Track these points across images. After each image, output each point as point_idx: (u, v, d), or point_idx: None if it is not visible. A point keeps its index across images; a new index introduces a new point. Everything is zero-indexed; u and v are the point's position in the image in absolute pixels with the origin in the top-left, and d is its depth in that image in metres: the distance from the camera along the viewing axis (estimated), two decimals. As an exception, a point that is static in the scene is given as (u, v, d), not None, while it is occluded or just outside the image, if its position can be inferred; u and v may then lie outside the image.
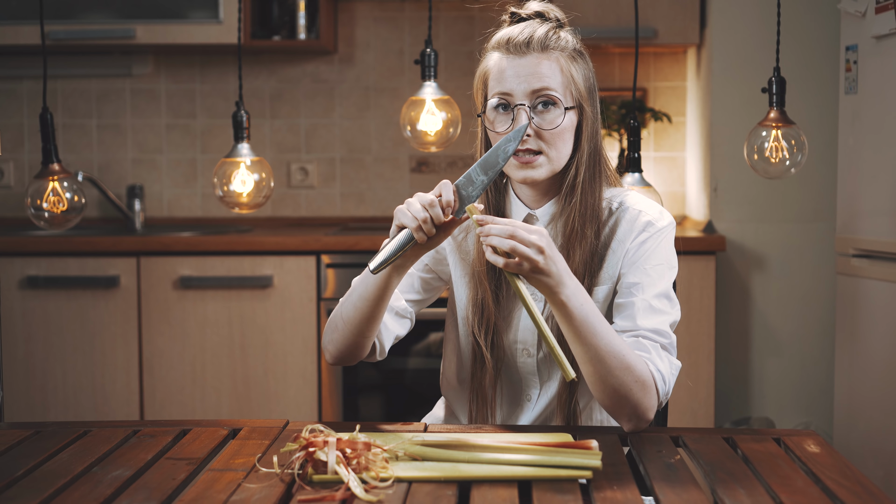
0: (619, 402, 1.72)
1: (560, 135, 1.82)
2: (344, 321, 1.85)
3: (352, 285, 1.86)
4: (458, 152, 4.04)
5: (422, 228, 1.68)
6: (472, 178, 1.72)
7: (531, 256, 1.62)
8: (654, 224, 1.86)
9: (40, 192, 2.41)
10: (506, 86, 1.82)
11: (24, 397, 3.53)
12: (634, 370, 1.71)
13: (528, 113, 1.81)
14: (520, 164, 1.82)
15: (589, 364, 1.71)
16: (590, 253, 1.85)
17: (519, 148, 1.81)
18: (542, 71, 1.81)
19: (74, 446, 1.68)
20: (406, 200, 1.71)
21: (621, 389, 1.71)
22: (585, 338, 1.69)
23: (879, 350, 2.96)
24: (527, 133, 1.80)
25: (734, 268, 3.64)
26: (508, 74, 1.82)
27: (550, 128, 1.81)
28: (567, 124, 1.83)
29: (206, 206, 4.11)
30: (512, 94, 1.82)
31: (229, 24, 3.66)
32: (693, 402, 3.48)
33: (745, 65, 3.58)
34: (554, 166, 1.84)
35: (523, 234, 1.62)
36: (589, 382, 1.74)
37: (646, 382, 1.72)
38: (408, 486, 1.45)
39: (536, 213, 1.90)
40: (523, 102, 1.81)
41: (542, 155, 1.82)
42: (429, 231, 1.68)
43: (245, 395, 3.53)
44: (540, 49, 1.82)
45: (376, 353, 1.93)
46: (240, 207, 2.58)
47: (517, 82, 1.81)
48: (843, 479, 1.49)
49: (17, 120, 4.09)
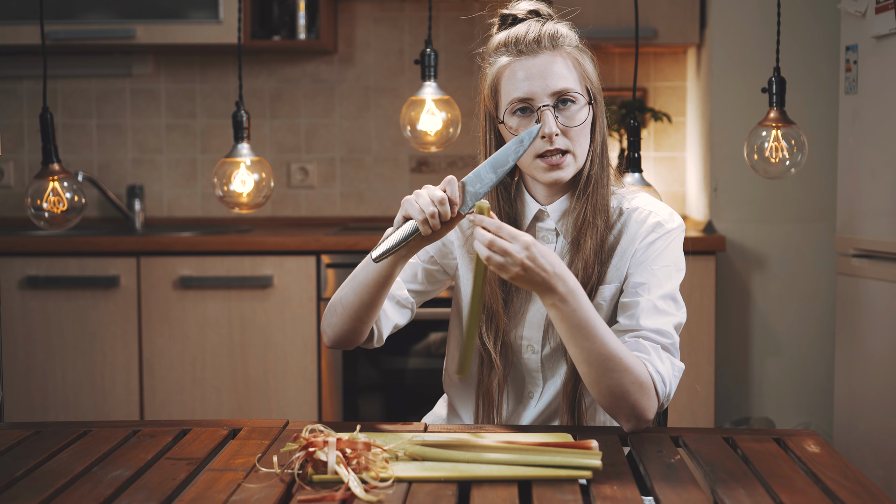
0: (616, 403, 1.72)
1: (583, 131, 1.82)
2: (343, 306, 1.85)
3: (353, 271, 1.86)
4: (458, 152, 4.05)
5: (428, 222, 1.68)
6: (480, 175, 1.72)
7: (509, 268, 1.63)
8: (663, 225, 1.86)
9: (40, 192, 2.41)
10: (524, 89, 1.80)
11: (24, 397, 3.53)
12: (631, 372, 1.70)
13: (553, 113, 1.80)
14: (549, 166, 1.81)
15: (584, 365, 1.71)
16: (600, 246, 1.85)
17: (547, 149, 1.80)
18: (558, 70, 1.80)
19: (74, 446, 1.68)
20: (415, 191, 1.71)
21: (618, 390, 1.71)
22: (579, 341, 1.69)
23: (879, 350, 2.96)
24: (556, 132, 1.79)
25: (734, 268, 3.64)
26: (524, 77, 1.80)
27: (576, 124, 1.81)
28: (589, 119, 1.84)
29: (206, 206, 4.11)
30: (533, 97, 1.80)
31: (229, 24, 3.66)
32: (693, 402, 3.48)
33: (745, 65, 3.58)
34: (578, 164, 1.84)
35: (503, 245, 1.62)
36: (586, 383, 1.74)
37: (644, 384, 1.71)
38: (408, 486, 1.45)
39: (548, 209, 1.89)
40: (547, 103, 1.80)
41: (569, 154, 1.82)
42: (434, 226, 1.68)
43: (245, 395, 3.53)
44: (551, 46, 1.81)
45: (374, 339, 1.93)
46: (240, 207, 2.57)
47: (536, 84, 1.80)
48: (843, 479, 1.49)
49: (17, 120, 4.09)
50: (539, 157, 1.81)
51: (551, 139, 1.79)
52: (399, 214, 1.72)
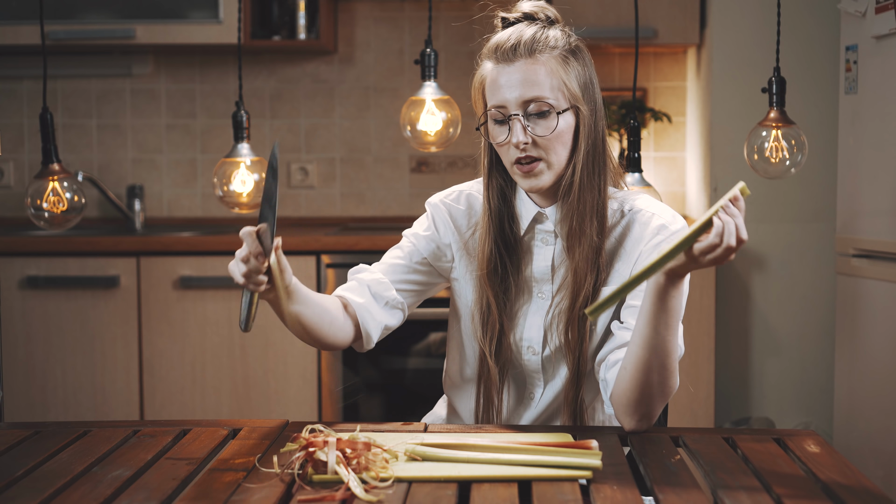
0: (643, 399, 1.73)
1: (558, 138, 1.82)
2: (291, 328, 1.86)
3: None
4: (458, 152, 4.05)
5: (251, 282, 1.67)
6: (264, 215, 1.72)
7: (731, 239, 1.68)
8: (667, 227, 1.86)
9: (40, 192, 2.41)
10: (499, 97, 1.82)
11: (24, 397, 3.53)
12: (673, 378, 1.74)
13: (523, 122, 1.80)
14: (523, 173, 1.83)
15: (648, 351, 1.70)
16: (592, 251, 1.84)
17: (519, 156, 1.81)
18: (532, 78, 1.80)
19: (74, 446, 1.68)
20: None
21: (655, 389, 1.72)
22: (659, 327, 1.69)
23: (879, 350, 2.96)
24: (524, 141, 1.81)
25: (734, 268, 3.64)
26: (500, 84, 1.82)
27: (545, 134, 1.81)
28: (563, 127, 1.82)
29: (206, 206, 4.11)
30: (506, 105, 1.82)
31: (229, 24, 3.66)
32: (693, 402, 3.48)
33: (745, 65, 3.58)
34: (556, 171, 1.84)
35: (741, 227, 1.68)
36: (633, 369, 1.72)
37: (672, 392, 1.75)
38: (408, 486, 1.45)
39: (546, 211, 1.90)
40: (517, 112, 1.81)
41: (541, 161, 1.82)
42: (258, 282, 1.68)
43: (245, 395, 3.53)
44: (527, 55, 1.81)
45: (363, 342, 1.93)
46: (240, 207, 2.58)
47: (509, 92, 1.81)
48: (843, 479, 1.49)
49: (17, 120, 4.09)
50: (515, 164, 1.83)
51: (519, 147, 1.81)
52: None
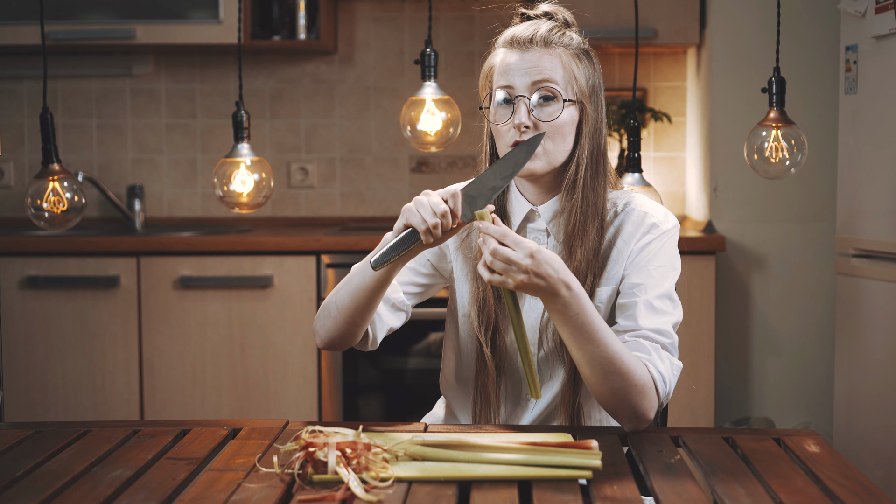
0: (618, 404, 1.73)
1: (559, 128, 1.83)
2: (338, 308, 1.85)
3: (349, 273, 1.86)
4: (458, 152, 4.05)
5: (430, 232, 1.69)
6: (482, 184, 1.73)
7: (514, 276, 1.63)
8: (658, 226, 1.87)
9: (40, 192, 2.41)
10: (508, 77, 1.84)
11: (24, 397, 3.53)
12: (634, 374, 1.71)
13: (528, 105, 1.82)
14: None
15: (587, 368, 1.72)
16: (593, 251, 1.85)
17: (517, 139, 1.82)
18: (544, 64, 1.83)
19: (74, 446, 1.68)
20: (415, 199, 1.71)
21: (620, 393, 1.71)
22: (582, 344, 1.69)
23: (879, 350, 2.96)
24: (525, 125, 1.82)
25: (734, 268, 3.64)
26: (511, 66, 1.84)
27: (549, 120, 1.82)
28: (566, 118, 1.84)
29: (206, 206, 4.11)
30: (513, 86, 1.83)
31: (229, 24, 3.66)
32: (693, 402, 3.48)
33: (745, 65, 3.58)
34: (551, 159, 1.84)
35: (506, 253, 1.62)
36: (588, 386, 1.74)
37: (645, 385, 1.72)
38: (408, 486, 1.45)
39: (539, 209, 1.90)
40: (524, 94, 1.82)
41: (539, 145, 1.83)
42: (437, 236, 1.69)
43: (245, 395, 3.53)
44: (543, 45, 1.84)
45: (368, 342, 1.93)
46: (240, 207, 2.57)
47: (519, 74, 1.83)
48: (843, 479, 1.49)
49: (17, 120, 4.09)
50: (512, 146, 1.84)
51: (520, 129, 1.82)
52: (399, 222, 1.72)
